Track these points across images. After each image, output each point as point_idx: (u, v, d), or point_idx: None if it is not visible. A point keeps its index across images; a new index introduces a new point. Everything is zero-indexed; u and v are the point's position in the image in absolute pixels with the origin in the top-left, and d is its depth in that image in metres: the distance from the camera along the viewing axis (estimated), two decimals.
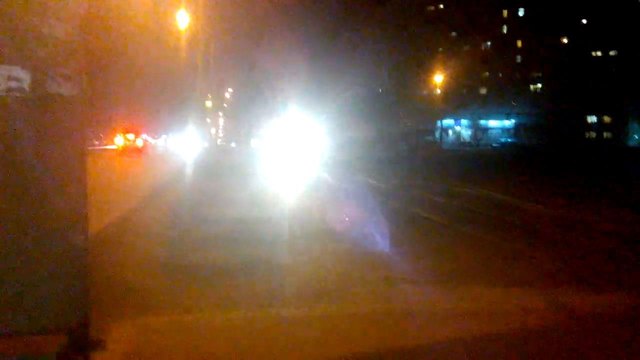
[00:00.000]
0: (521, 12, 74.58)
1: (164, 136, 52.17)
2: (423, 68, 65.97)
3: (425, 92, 65.68)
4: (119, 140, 41.93)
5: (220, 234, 7.94)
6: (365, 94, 55.62)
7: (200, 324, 4.22)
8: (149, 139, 45.77)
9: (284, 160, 27.48)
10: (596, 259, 7.27)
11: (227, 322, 4.24)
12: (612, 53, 66.65)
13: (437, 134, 63.96)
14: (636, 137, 64.55)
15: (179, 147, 46.89)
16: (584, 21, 68.47)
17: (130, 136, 41.85)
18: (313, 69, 53.36)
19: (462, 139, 74.76)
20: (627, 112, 65.06)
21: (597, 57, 67.84)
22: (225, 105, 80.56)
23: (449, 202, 13.03)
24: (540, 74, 72.75)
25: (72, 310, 2.91)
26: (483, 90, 77.32)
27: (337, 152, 33.67)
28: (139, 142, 42.21)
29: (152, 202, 11.38)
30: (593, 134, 68.42)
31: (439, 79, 55.83)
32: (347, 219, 9.89)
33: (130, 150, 39.23)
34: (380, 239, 7.99)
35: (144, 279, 5.43)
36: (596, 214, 11.65)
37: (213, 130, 75.40)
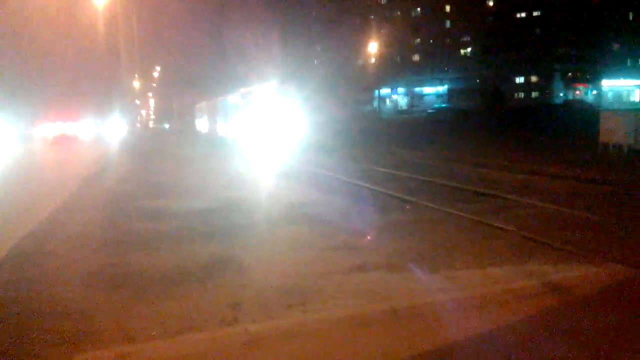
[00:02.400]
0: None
1: (90, 122, 49.01)
2: (356, 36, 65.56)
3: (360, 61, 65.30)
4: (49, 130, 39.59)
5: (166, 232, 7.07)
6: (299, 67, 54.63)
7: (152, 356, 3.47)
8: (75, 125, 42.76)
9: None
10: (557, 223, 7.08)
11: (184, 350, 3.51)
12: (535, 14, 68.70)
13: (375, 103, 64.00)
14: (561, 94, 67.42)
15: (107, 132, 44.18)
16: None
17: (61, 124, 39.71)
18: (245, 40, 51.69)
19: (399, 107, 75.32)
20: (553, 71, 67.70)
21: (521, 18, 69.77)
22: (154, 85, 76.97)
23: (403, 175, 12.68)
24: (468, 39, 74.10)
25: None
26: (416, 57, 77.99)
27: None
28: (71, 130, 39.91)
29: (81, 197, 10.22)
30: (522, 94, 70.81)
31: (372, 47, 55.31)
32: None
33: (62, 139, 37.22)
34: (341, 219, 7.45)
35: (79, 298, 4.55)
36: (540, 173, 11.72)
37: (144, 112, 71.97)
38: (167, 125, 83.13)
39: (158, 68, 63.90)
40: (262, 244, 6.41)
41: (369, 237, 6.75)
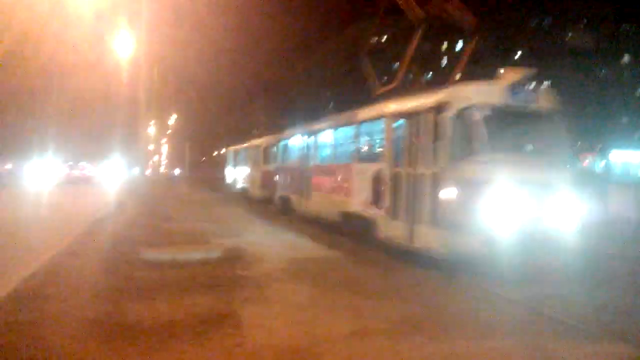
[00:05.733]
0: (459, 46, 77.78)
1: (105, 164, 50.81)
2: (368, 96, 67.21)
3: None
4: (66, 168, 41.96)
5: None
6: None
7: None
8: (92, 167, 44.81)
9: None
10: None
11: None
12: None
13: None
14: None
15: (116, 175, 45.50)
16: (519, 53, 72.16)
17: (79, 164, 42.35)
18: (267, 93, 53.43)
19: None
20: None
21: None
22: (169, 131, 78.28)
23: None
24: None
25: None
26: None
27: None
28: (88, 171, 42.27)
29: (88, 239, 10.21)
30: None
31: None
32: None
33: (78, 179, 39.22)
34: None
35: (73, 347, 4.48)
36: None
37: (156, 157, 72.89)
38: (177, 172, 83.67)
39: (175, 115, 65.21)
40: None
41: None
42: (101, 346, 4.53)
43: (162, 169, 77.00)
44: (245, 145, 25.24)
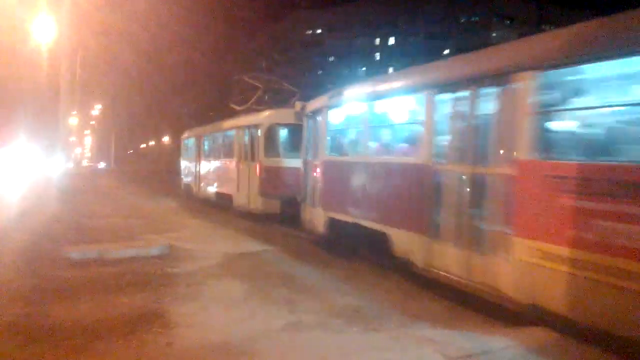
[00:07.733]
0: (391, 41, 79.66)
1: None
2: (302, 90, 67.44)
3: None
4: None
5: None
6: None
7: None
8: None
9: None
10: None
11: None
12: None
13: None
14: None
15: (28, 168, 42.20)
16: (447, 51, 74.83)
17: None
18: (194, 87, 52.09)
19: None
20: None
21: None
22: (93, 122, 74.76)
23: None
24: None
25: None
26: None
27: None
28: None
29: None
30: None
31: None
32: None
33: None
34: None
35: None
36: None
37: (79, 150, 69.41)
38: (102, 164, 79.02)
39: (99, 106, 62.20)
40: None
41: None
42: (18, 351, 4.26)
43: (85, 162, 73.27)
44: (224, 126, 16.43)
